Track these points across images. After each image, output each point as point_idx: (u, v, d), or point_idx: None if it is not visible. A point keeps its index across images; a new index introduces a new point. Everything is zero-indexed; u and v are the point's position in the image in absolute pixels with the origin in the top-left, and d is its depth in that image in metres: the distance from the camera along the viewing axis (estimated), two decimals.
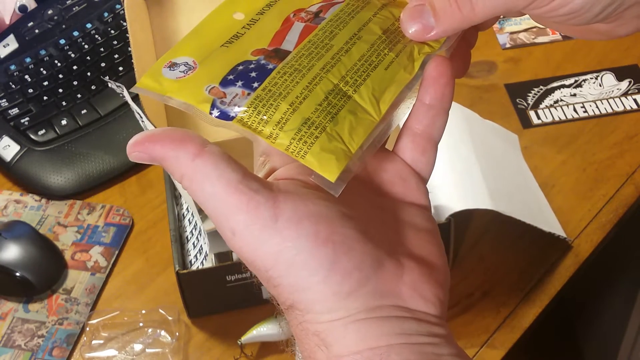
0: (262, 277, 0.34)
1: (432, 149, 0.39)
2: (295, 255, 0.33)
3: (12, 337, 0.82)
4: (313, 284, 0.33)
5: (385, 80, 0.37)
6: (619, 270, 1.28)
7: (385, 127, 0.37)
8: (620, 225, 0.90)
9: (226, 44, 0.38)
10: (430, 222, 0.39)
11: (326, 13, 0.39)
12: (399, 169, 0.39)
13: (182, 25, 0.94)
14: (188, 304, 0.82)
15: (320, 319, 0.34)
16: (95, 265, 0.87)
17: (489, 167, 0.85)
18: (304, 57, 0.37)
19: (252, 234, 0.33)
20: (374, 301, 0.34)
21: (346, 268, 0.33)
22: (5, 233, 0.86)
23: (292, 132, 0.34)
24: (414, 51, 0.39)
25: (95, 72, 1.00)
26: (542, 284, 0.85)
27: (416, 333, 0.34)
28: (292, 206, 0.33)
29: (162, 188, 0.90)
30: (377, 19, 0.39)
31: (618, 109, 1.00)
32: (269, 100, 0.35)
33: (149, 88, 0.37)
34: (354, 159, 0.35)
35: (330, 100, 0.36)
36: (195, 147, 0.34)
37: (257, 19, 0.39)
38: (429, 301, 0.35)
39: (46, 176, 0.93)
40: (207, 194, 0.34)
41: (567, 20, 0.38)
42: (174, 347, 0.80)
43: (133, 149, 0.34)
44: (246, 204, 0.33)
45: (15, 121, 0.96)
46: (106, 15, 1.04)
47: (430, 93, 0.38)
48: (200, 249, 0.77)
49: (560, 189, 0.92)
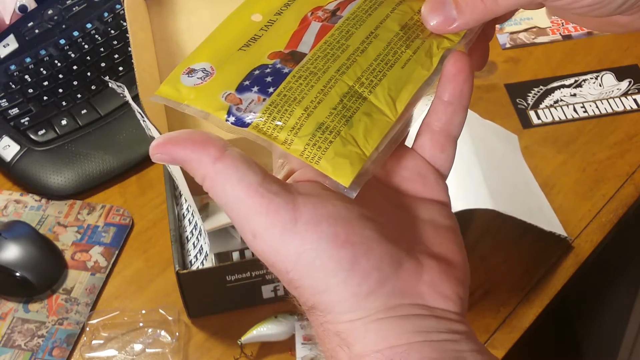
0: (283, 279, 0.35)
1: (451, 145, 0.39)
2: (314, 258, 0.33)
3: (12, 337, 0.82)
4: (333, 286, 0.34)
5: (401, 79, 0.37)
6: (619, 270, 1.28)
7: (402, 126, 0.37)
8: (620, 225, 0.90)
9: (244, 47, 0.38)
10: (450, 219, 0.39)
11: (343, 11, 0.39)
12: (418, 166, 0.39)
13: (182, 25, 0.94)
14: (188, 304, 0.82)
15: (341, 319, 0.34)
16: (95, 265, 0.87)
17: (489, 167, 0.85)
18: (320, 59, 0.37)
19: (273, 236, 0.34)
20: (393, 300, 0.34)
21: (365, 269, 0.34)
22: (5, 233, 0.86)
23: (307, 137, 0.35)
24: (433, 46, 0.38)
25: (95, 72, 1.00)
26: (542, 284, 0.85)
27: (436, 330, 0.34)
28: (311, 208, 0.34)
29: (162, 188, 0.90)
30: (395, 14, 0.39)
31: (618, 109, 1.00)
32: (283, 106, 0.35)
33: (167, 96, 0.37)
34: (369, 161, 0.35)
35: (345, 103, 0.36)
36: (217, 149, 0.34)
37: (274, 20, 0.39)
38: (449, 299, 0.35)
39: (46, 176, 0.93)
40: (228, 197, 0.34)
41: (590, 11, 0.37)
42: (174, 347, 0.80)
43: (155, 151, 0.35)
44: (266, 207, 0.33)
45: (15, 121, 0.96)
46: (106, 15, 1.04)
47: (449, 90, 0.38)
48: (200, 249, 0.77)
49: (560, 189, 0.92)
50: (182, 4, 0.95)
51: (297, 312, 0.82)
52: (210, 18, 0.93)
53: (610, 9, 0.37)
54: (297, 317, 0.81)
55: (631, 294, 1.20)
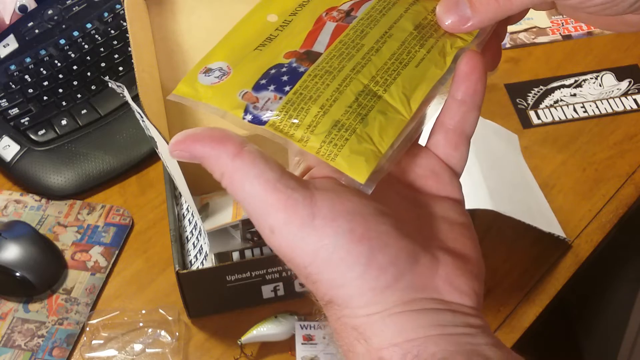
0: (301, 274, 0.35)
1: (464, 144, 0.40)
2: (332, 253, 0.34)
3: (12, 337, 0.82)
4: (350, 280, 0.34)
5: (416, 77, 0.38)
6: (619, 270, 1.28)
7: (416, 125, 0.38)
8: (620, 225, 0.90)
9: (259, 47, 0.38)
10: (464, 216, 0.39)
11: (357, 11, 0.40)
12: (432, 164, 0.40)
13: (182, 25, 0.94)
14: (188, 304, 0.82)
15: (358, 314, 0.35)
16: (95, 265, 0.87)
17: (489, 167, 0.85)
18: (335, 58, 0.37)
19: (291, 231, 0.34)
20: (410, 295, 0.35)
21: (382, 264, 0.34)
22: (5, 233, 0.86)
23: (323, 135, 0.35)
24: (447, 46, 0.39)
25: (95, 72, 1.00)
26: (542, 284, 0.85)
27: (452, 324, 0.35)
28: (329, 204, 0.34)
29: (162, 188, 0.90)
30: (409, 14, 0.40)
31: (618, 109, 1.00)
32: (300, 104, 0.36)
33: (185, 95, 0.37)
34: (384, 159, 0.36)
35: (360, 102, 0.36)
36: (235, 146, 0.35)
37: (289, 20, 0.40)
38: (464, 293, 0.36)
39: (46, 176, 0.93)
40: (246, 193, 0.34)
41: (601, 10, 0.38)
42: (174, 347, 0.80)
43: (175, 148, 0.35)
44: (284, 203, 0.34)
45: (15, 121, 0.96)
46: (106, 15, 1.04)
47: (462, 89, 0.39)
48: (200, 249, 0.77)
49: (560, 189, 0.92)
50: (182, 4, 0.95)
51: (297, 312, 0.82)
52: (210, 18, 0.93)
53: (622, 7, 0.37)
54: (297, 317, 0.81)
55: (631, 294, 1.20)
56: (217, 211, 0.84)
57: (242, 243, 0.82)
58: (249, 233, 0.81)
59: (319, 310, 0.37)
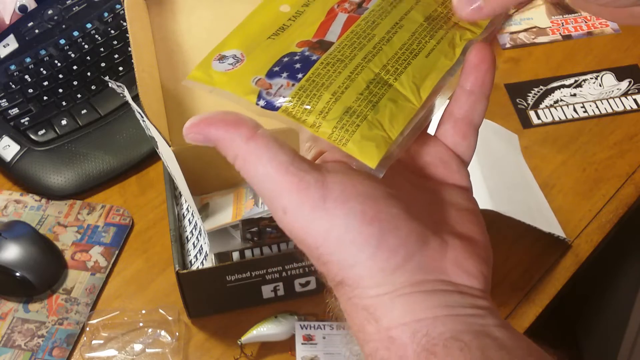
0: (312, 255, 0.36)
1: (472, 133, 0.41)
2: (343, 234, 0.35)
3: (12, 337, 0.82)
4: (361, 260, 0.35)
5: (426, 67, 0.38)
6: (618, 270, 1.28)
7: (426, 113, 0.38)
8: (620, 225, 0.90)
9: (272, 36, 0.39)
10: (471, 202, 0.40)
11: (369, 3, 0.41)
12: (440, 153, 0.41)
13: (182, 25, 0.94)
14: (188, 304, 0.82)
15: (369, 294, 0.35)
16: (95, 265, 0.87)
17: (489, 167, 0.85)
18: (347, 47, 0.38)
19: (303, 213, 0.35)
20: (419, 276, 0.35)
21: (392, 245, 0.35)
22: (5, 233, 0.86)
23: (335, 120, 0.36)
24: (456, 37, 0.40)
25: (95, 72, 1.00)
26: (542, 284, 0.85)
27: (460, 305, 0.35)
28: (340, 187, 0.35)
29: (162, 188, 0.90)
30: (419, 6, 0.40)
31: (618, 109, 1.00)
32: (312, 91, 0.37)
33: (199, 80, 0.38)
34: (394, 145, 0.37)
35: (371, 89, 0.37)
36: (249, 130, 0.35)
37: (302, 11, 0.40)
38: (473, 276, 0.37)
39: (46, 176, 0.93)
40: (260, 175, 0.35)
41: (613, 1, 0.39)
42: (174, 347, 0.80)
43: (189, 131, 0.36)
44: (297, 185, 0.35)
45: (15, 121, 0.96)
46: (106, 15, 1.04)
47: (471, 80, 0.39)
48: (200, 249, 0.77)
49: (560, 189, 0.92)
50: (182, 4, 0.95)
51: (297, 312, 0.82)
52: (210, 18, 0.93)
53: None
54: (297, 317, 0.81)
55: (631, 294, 1.20)
56: (217, 211, 0.84)
57: (242, 243, 0.82)
58: (249, 233, 0.81)
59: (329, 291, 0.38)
